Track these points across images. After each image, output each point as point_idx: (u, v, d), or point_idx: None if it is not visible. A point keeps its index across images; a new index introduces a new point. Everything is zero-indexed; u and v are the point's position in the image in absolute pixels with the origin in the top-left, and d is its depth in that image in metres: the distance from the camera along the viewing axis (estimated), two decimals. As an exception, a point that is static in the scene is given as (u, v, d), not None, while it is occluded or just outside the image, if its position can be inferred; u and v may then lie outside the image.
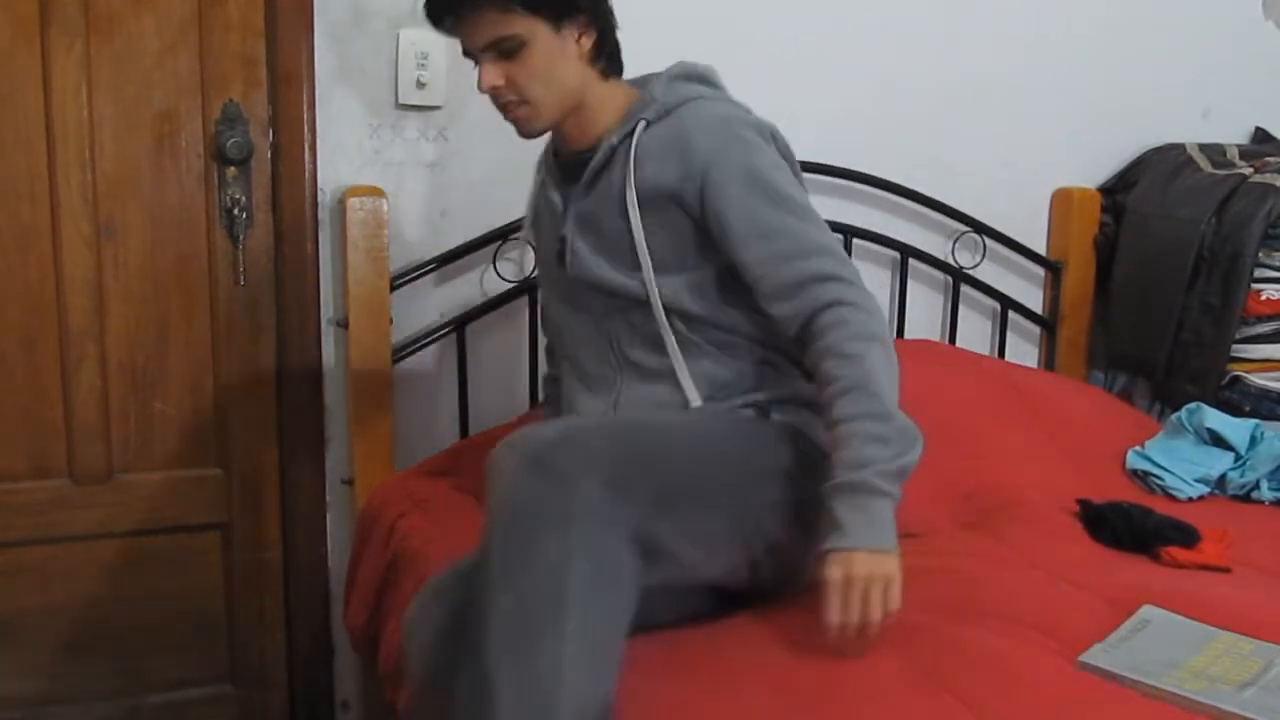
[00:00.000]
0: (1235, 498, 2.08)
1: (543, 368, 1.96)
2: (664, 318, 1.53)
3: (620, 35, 1.58)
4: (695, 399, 1.53)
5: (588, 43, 1.52)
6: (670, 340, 1.54)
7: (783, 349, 1.57)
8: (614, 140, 1.53)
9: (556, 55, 1.49)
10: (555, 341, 1.77)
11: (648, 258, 1.51)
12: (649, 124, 1.52)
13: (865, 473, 1.35)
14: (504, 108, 1.54)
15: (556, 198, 1.62)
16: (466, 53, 1.53)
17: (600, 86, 1.56)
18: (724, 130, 1.49)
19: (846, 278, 1.45)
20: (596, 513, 1.23)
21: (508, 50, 1.48)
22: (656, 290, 1.52)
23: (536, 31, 1.47)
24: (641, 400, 1.57)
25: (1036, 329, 2.65)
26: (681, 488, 1.37)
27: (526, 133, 1.56)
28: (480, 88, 1.51)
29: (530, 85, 1.50)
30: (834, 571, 1.34)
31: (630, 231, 1.51)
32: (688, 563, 1.37)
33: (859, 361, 1.39)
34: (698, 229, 1.51)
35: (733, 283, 1.52)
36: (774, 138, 1.55)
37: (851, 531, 1.34)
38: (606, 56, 1.55)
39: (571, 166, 1.61)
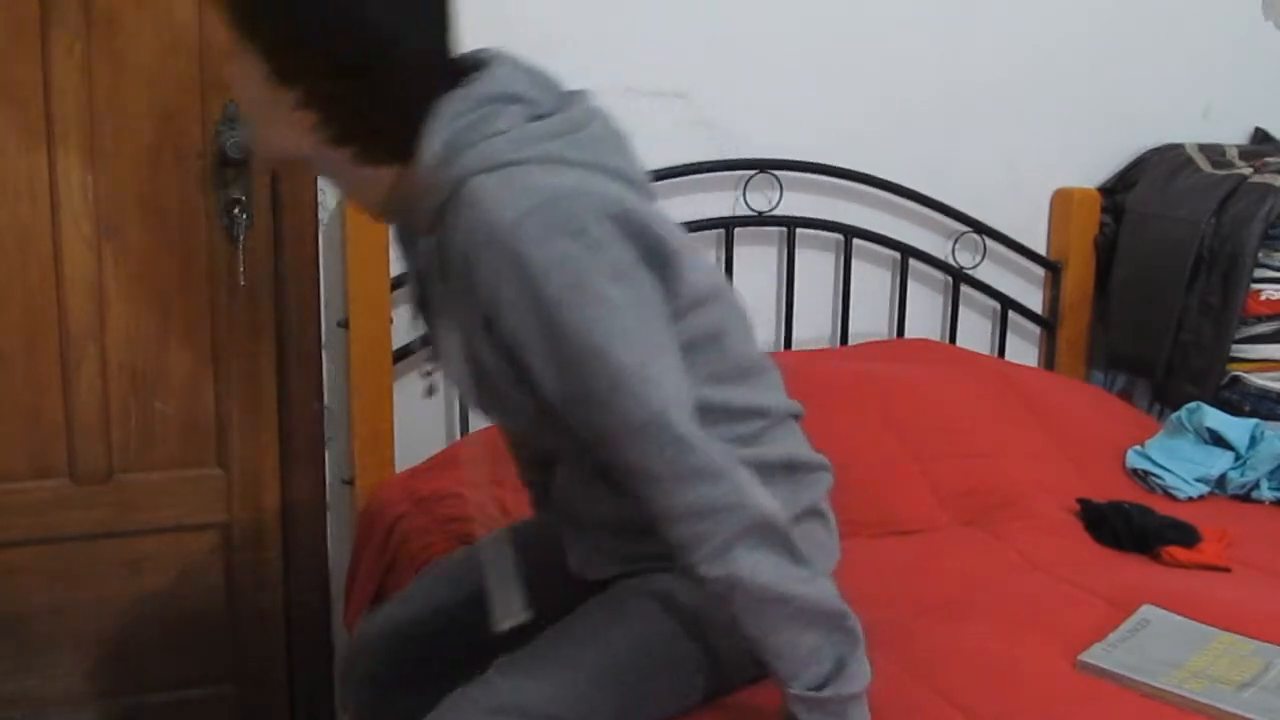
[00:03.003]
0: (1235, 497, 2.08)
1: None
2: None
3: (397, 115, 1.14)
4: None
5: (307, 121, 1.14)
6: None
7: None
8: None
9: (263, 103, 1.16)
10: None
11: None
12: (431, 236, 1.17)
13: (841, 685, 1.15)
14: None
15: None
16: None
17: (360, 171, 1.18)
18: (499, 256, 1.09)
19: (661, 474, 1.12)
20: None
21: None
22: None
23: (244, 54, 1.15)
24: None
25: (1036, 329, 2.65)
26: None
27: None
28: None
29: (240, 100, 1.19)
30: None
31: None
32: None
33: (734, 583, 1.13)
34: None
35: None
36: (594, 225, 1.11)
37: None
38: (360, 144, 1.16)
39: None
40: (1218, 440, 2.13)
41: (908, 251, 2.45)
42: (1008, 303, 2.56)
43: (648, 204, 1.20)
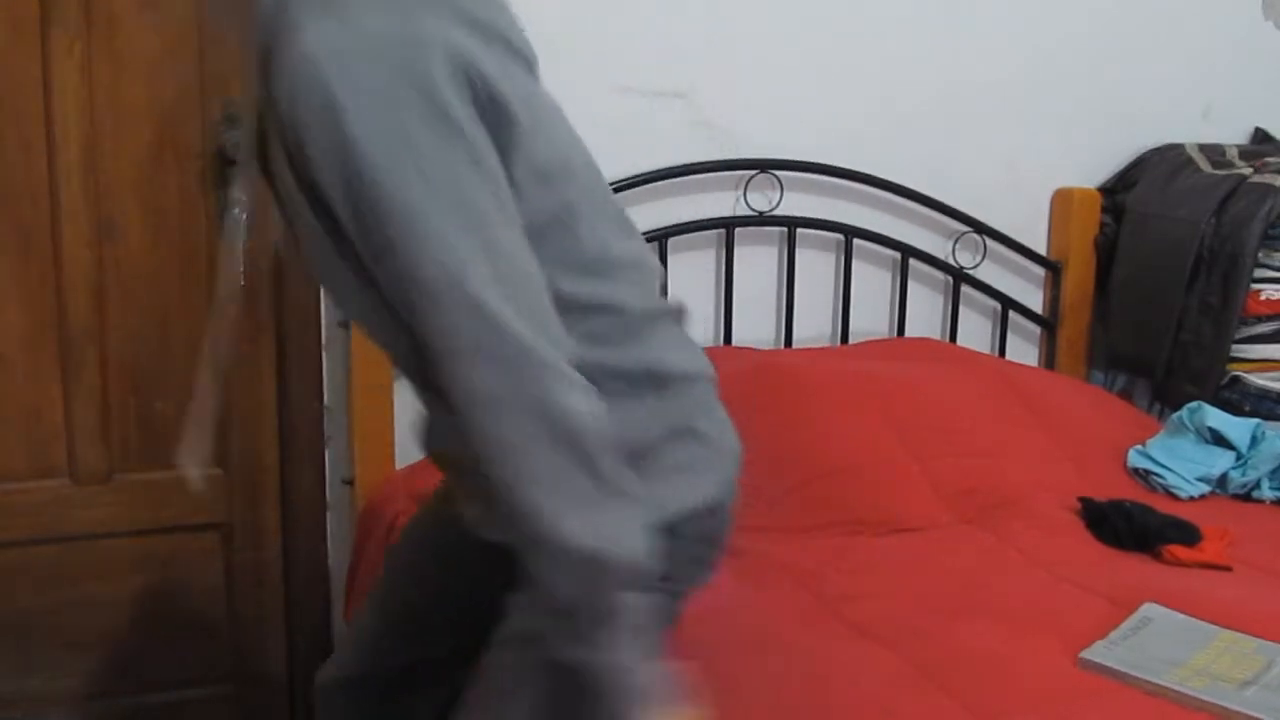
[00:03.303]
0: (1236, 497, 2.08)
1: None
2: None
3: None
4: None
5: None
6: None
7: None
8: None
9: None
10: None
11: None
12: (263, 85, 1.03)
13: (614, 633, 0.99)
14: None
15: None
16: None
17: None
18: (311, 98, 0.96)
19: (455, 348, 0.97)
20: None
21: None
22: None
23: None
24: None
25: (1036, 329, 2.65)
26: None
27: None
28: None
29: None
30: None
31: None
32: None
33: (529, 520, 0.96)
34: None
35: None
36: (426, 71, 0.97)
37: None
38: None
39: None
40: (1219, 440, 2.13)
41: (908, 251, 2.45)
42: (1008, 303, 2.56)
43: (502, 60, 1.05)
